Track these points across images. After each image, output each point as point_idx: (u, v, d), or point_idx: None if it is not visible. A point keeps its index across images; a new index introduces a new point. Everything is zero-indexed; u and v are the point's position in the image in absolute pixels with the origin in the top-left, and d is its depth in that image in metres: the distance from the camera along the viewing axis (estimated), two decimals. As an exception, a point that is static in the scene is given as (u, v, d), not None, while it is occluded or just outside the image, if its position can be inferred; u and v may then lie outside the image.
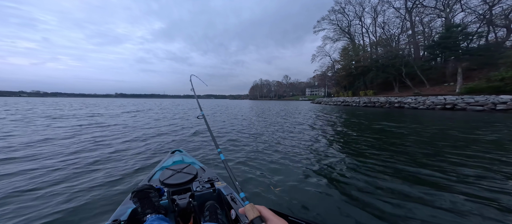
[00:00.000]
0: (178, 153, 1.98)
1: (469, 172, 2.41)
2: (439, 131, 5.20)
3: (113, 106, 19.29)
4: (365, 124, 6.90)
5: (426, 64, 23.21)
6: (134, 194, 0.91)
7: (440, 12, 24.39)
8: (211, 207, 0.98)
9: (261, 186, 1.93)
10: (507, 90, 12.92)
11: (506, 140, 4.10)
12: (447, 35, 19.53)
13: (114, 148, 3.46)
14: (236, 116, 9.99)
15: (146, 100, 69.53)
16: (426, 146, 3.70)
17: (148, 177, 1.42)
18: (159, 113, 11.47)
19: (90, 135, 4.61)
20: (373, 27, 33.42)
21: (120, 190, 1.91)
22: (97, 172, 2.38)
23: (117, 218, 0.89)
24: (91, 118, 8.09)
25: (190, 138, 4.47)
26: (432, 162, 2.78)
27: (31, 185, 1.99)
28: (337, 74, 37.41)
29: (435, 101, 14.47)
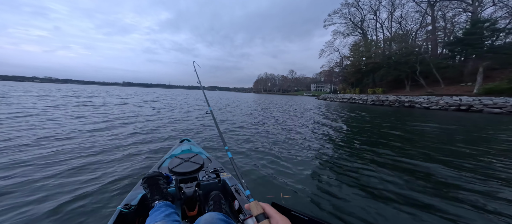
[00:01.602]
0: (187, 142, 2.03)
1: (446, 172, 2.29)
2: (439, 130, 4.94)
3: (129, 94, 19.71)
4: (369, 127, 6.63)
5: (443, 62, 21.72)
6: (145, 180, 0.93)
7: (467, 6, 22.30)
8: (216, 197, 1.00)
9: (270, 188, 1.87)
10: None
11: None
12: (472, 31, 17.94)
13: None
14: (250, 110, 9.73)
15: (155, 90, 70.86)
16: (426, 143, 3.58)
17: (158, 165, 1.46)
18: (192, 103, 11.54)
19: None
20: (388, 22, 31.45)
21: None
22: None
23: (128, 203, 0.92)
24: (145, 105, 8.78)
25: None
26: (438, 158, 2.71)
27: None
28: (345, 70, 36.04)
29: (450, 101, 13.63)
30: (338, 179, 2.08)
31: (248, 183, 1.91)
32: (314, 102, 22.48)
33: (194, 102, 13.35)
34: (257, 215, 0.36)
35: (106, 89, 39.93)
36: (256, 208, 0.37)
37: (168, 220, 0.72)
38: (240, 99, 22.49)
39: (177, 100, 15.15)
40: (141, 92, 31.72)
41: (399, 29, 30.28)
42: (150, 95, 21.60)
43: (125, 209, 0.88)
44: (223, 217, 0.68)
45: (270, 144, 3.34)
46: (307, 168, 2.33)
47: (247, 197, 0.40)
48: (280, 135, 4.04)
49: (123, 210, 0.87)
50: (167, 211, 0.79)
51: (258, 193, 1.74)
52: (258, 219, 0.35)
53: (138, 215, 0.94)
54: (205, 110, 1.27)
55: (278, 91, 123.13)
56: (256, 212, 0.36)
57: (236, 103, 14.88)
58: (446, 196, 1.79)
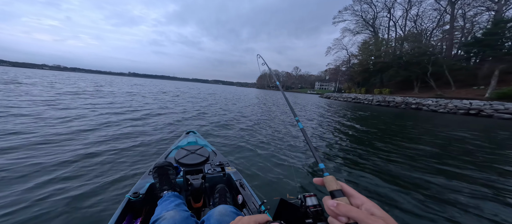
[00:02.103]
0: (192, 134, 2.04)
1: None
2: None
3: (144, 86, 19.87)
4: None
5: (458, 64, 20.70)
6: (156, 169, 0.94)
7: (492, 5, 20.80)
8: (221, 190, 1.01)
9: (275, 188, 1.86)
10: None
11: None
12: (493, 31, 16.84)
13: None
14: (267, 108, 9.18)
15: (161, 81, 71.38)
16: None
17: (165, 155, 1.48)
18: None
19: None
20: (403, 20, 29.95)
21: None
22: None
23: (136, 191, 0.93)
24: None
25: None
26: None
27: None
28: (352, 69, 35.09)
29: (459, 105, 13.13)
30: (343, 178, 2.09)
31: (252, 181, 1.88)
32: (317, 101, 22.24)
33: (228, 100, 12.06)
34: (334, 190, 0.32)
35: (118, 79, 40.52)
36: (335, 183, 0.33)
37: (179, 210, 0.72)
38: (248, 95, 22.39)
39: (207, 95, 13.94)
40: (155, 84, 31.76)
41: (414, 28, 28.86)
42: (168, 87, 21.16)
43: (134, 197, 0.88)
44: (234, 210, 0.70)
45: (275, 144, 3.28)
46: (311, 169, 2.33)
47: (321, 170, 0.37)
48: (286, 136, 3.94)
49: (131, 198, 0.87)
50: (176, 201, 0.79)
51: (264, 192, 1.69)
52: (334, 195, 0.31)
53: (146, 204, 0.94)
54: (293, 122, 1.11)
55: (281, 87, 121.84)
56: (334, 187, 0.32)
57: (244, 98, 14.85)
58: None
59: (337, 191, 0.31)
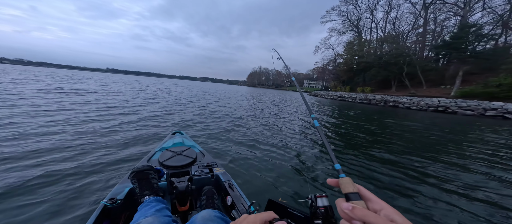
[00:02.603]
0: (179, 135, 1.95)
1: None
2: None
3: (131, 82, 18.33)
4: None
5: (429, 65, 22.72)
6: (134, 174, 0.86)
7: (458, 10, 23.09)
8: (208, 191, 0.97)
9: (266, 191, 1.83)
10: (501, 97, 12.83)
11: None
12: (459, 35, 18.69)
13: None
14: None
15: (144, 78, 67.57)
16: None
17: (147, 157, 1.40)
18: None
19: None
20: (383, 22, 31.86)
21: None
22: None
23: (113, 197, 0.87)
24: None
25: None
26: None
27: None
28: (337, 68, 36.55)
29: (429, 102, 14.40)
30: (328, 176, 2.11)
31: (243, 186, 1.80)
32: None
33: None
34: (350, 193, 0.29)
35: (92, 75, 37.34)
36: (352, 186, 0.30)
37: (159, 215, 0.68)
38: (236, 93, 22.16)
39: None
40: (131, 80, 29.88)
41: (392, 30, 30.89)
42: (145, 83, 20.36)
43: (110, 203, 0.83)
44: (219, 214, 0.67)
45: (266, 145, 3.21)
46: (302, 173, 2.30)
47: (337, 171, 0.34)
48: (276, 136, 3.89)
49: (107, 204, 0.82)
50: (158, 206, 0.75)
51: (254, 195, 1.64)
52: (349, 198, 0.29)
53: (125, 210, 0.89)
54: (309, 119, 1.01)
55: (271, 85, 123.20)
56: (351, 189, 0.30)
57: (235, 96, 14.67)
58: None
59: (353, 194, 0.29)
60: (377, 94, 21.67)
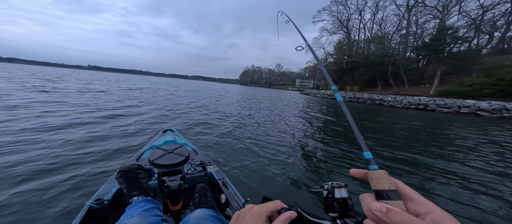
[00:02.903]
0: (170, 133, 1.91)
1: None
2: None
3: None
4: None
5: (410, 65, 24.10)
6: (121, 174, 0.82)
7: (437, 13, 24.73)
8: (201, 189, 0.95)
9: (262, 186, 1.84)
10: (473, 95, 14.00)
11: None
12: (437, 37, 20.01)
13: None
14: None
15: (132, 76, 63.89)
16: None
17: (136, 156, 1.35)
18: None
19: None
20: (371, 23, 33.17)
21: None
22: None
23: (100, 197, 0.83)
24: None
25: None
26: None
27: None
28: (328, 67, 37.46)
29: (411, 101, 15.26)
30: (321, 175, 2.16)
31: (238, 184, 1.80)
32: (298, 97, 23.24)
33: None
34: (386, 190, 0.23)
35: (71, 73, 34.52)
36: (389, 181, 0.23)
37: (147, 215, 0.64)
38: (230, 91, 21.91)
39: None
40: (109, 78, 28.06)
41: (379, 31, 32.30)
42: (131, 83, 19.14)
43: (97, 204, 0.79)
44: (213, 213, 0.66)
45: (261, 142, 3.21)
46: (296, 169, 2.29)
47: (366, 161, 0.28)
48: (272, 134, 3.86)
49: (93, 206, 0.78)
50: (147, 206, 0.71)
51: (249, 194, 1.64)
52: (382, 195, 0.23)
53: (113, 211, 0.85)
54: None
55: (264, 84, 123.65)
56: (385, 185, 0.23)
57: (229, 95, 14.42)
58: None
59: (390, 192, 0.23)
60: (364, 93, 22.56)
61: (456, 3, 23.45)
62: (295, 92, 50.46)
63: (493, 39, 22.44)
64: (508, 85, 12.62)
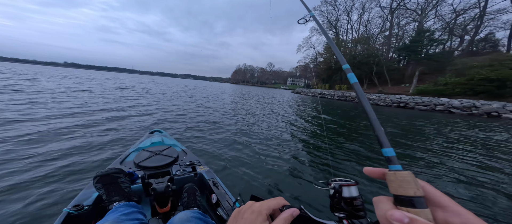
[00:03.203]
0: (158, 133, 1.86)
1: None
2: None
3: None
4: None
5: (392, 65, 25.65)
6: (98, 179, 0.78)
7: (416, 16, 26.51)
8: (190, 189, 0.94)
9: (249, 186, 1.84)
10: (447, 94, 15.31)
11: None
12: (416, 39, 21.47)
13: None
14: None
15: (113, 74, 59.72)
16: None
17: (120, 159, 1.29)
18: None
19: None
20: (357, 24, 34.63)
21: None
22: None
23: (79, 203, 0.79)
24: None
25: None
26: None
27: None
28: (318, 66, 38.46)
29: (393, 99, 16.25)
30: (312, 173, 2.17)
31: (230, 183, 1.81)
32: (290, 96, 23.50)
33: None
34: (411, 197, 0.19)
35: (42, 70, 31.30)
36: (412, 185, 0.19)
37: (124, 219, 0.62)
38: (222, 90, 21.48)
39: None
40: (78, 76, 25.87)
41: (365, 32, 33.86)
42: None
43: (75, 210, 0.75)
44: (197, 215, 0.64)
45: (253, 142, 3.23)
46: (285, 168, 2.29)
47: (386, 159, 0.23)
48: (263, 133, 3.94)
49: (72, 212, 0.75)
50: (127, 210, 0.68)
51: (239, 192, 1.66)
52: (408, 202, 0.19)
53: (95, 218, 0.81)
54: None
55: (256, 83, 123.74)
56: (410, 190, 0.19)
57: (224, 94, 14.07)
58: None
59: (416, 198, 0.19)
60: (352, 92, 23.53)
61: (433, 7, 25.37)
62: (287, 90, 51.16)
63: (463, 42, 24.69)
64: (477, 84, 13.97)
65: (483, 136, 4.88)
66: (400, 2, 27.11)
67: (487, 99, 12.92)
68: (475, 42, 23.76)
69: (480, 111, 11.06)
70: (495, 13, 22.21)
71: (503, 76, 12.87)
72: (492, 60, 14.41)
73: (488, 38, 22.89)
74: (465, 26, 23.99)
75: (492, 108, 10.74)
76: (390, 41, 29.09)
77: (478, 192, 1.94)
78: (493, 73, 13.29)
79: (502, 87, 13.04)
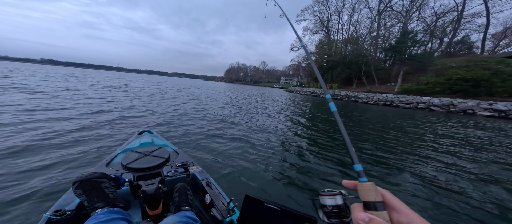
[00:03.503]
0: (148, 134, 1.80)
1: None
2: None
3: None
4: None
5: (379, 65, 26.77)
6: (77, 184, 0.73)
7: (401, 18, 27.82)
8: (181, 188, 0.92)
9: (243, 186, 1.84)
10: (428, 93, 16.26)
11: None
12: (401, 40, 22.53)
13: None
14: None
15: (100, 72, 55.92)
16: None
17: (106, 161, 1.22)
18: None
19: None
20: (348, 24, 35.58)
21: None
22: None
23: (60, 208, 0.75)
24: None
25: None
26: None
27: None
28: (310, 66, 39.05)
29: (380, 98, 16.95)
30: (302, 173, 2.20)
31: (219, 180, 1.82)
32: (283, 94, 23.71)
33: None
34: (372, 202, 0.24)
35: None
36: (375, 192, 0.25)
37: None
38: (216, 90, 21.05)
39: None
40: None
41: (354, 32, 34.92)
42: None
43: (57, 215, 0.72)
44: (184, 219, 0.63)
45: (246, 141, 3.19)
46: (278, 167, 2.32)
47: (357, 173, 0.29)
48: (258, 132, 3.93)
49: (52, 217, 0.71)
50: (106, 217, 0.64)
51: (233, 192, 1.65)
52: (372, 206, 0.24)
53: (78, 222, 0.78)
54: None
55: (249, 81, 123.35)
56: (371, 197, 0.25)
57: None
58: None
59: (377, 203, 0.24)
60: (342, 90, 24.23)
61: (416, 9, 26.77)
62: (280, 89, 51.54)
63: (443, 44, 26.38)
64: (454, 84, 14.97)
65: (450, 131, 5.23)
66: (387, 3, 28.29)
67: (463, 97, 13.91)
68: (452, 44, 25.48)
69: (457, 109, 11.86)
70: (471, 16, 23.97)
71: (477, 76, 13.89)
72: (468, 61, 15.49)
73: (464, 41, 24.66)
74: (444, 29, 25.65)
75: (468, 106, 11.56)
76: (377, 42, 30.30)
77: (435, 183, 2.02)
78: (468, 73, 14.29)
79: (476, 86, 14.08)
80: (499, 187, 2.09)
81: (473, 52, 22.66)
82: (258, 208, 0.45)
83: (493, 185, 2.13)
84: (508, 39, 24.16)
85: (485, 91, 13.85)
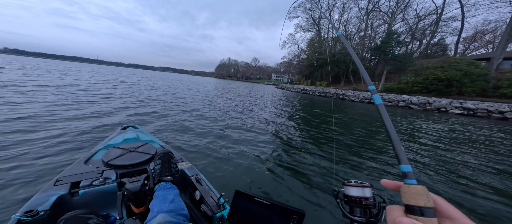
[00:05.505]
0: (132, 129, 1.71)
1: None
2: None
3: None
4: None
5: (366, 64, 27.90)
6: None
7: (387, 19, 29.01)
8: (164, 156, 0.89)
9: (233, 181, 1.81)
10: (407, 91, 17.35)
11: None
12: (385, 41, 23.53)
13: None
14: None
15: (75, 64, 50.13)
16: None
17: (85, 158, 1.13)
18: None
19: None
20: (338, 23, 36.20)
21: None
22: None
23: (32, 209, 0.71)
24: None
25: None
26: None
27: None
28: (301, 63, 39.46)
29: (366, 96, 17.71)
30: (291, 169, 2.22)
31: (209, 176, 1.82)
32: (274, 91, 23.72)
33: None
34: (421, 207, 0.21)
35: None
36: (423, 197, 0.22)
37: None
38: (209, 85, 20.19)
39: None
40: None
41: (344, 32, 35.76)
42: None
43: (29, 216, 0.68)
44: (175, 220, 0.61)
45: (235, 138, 3.18)
46: (268, 163, 2.33)
47: (403, 174, 0.25)
48: (248, 128, 3.92)
49: (23, 219, 0.67)
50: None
51: (224, 188, 1.65)
52: (417, 211, 0.21)
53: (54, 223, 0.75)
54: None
55: (240, 77, 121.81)
56: (421, 201, 0.21)
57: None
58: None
59: (425, 209, 0.21)
60: (331, 88, 24.92)
61: (401, 11, 28.10)
62: (271, 86, 51.60)
63: (422, 45, 28.20)
64: (430, 83, 16.12)
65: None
66: (376, 4, 29.27)
67: (438, 96, 15.06)
68: (430, 45, 27.37)
69: (432, 107, 12.80)
70: (447, 20, 25.82)
71: (450, 77, 15.07)
72: (443, 62, 16.71)
73: (440, 43, 26.62)
74: (424, 31, 27.36)
75: (441, 104, 12.52)
76: (364, 41, 31.42)
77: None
78: (443, 74, 15.45)
79: (449, 86, 15.31)
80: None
81: (446, 54, 24.58)
82: (249, 203, 0.46)
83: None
84: (477, 42, 26.59)
85: (456, 90, 15.12)
